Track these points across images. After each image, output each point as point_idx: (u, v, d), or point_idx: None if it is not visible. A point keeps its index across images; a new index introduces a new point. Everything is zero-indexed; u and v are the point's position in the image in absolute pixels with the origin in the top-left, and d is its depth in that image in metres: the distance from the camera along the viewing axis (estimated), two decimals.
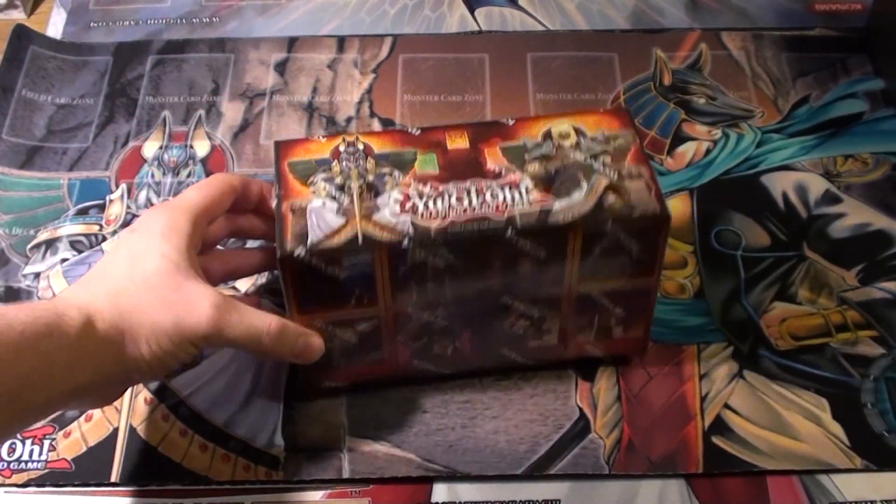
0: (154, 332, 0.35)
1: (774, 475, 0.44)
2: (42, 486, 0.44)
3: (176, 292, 0.35)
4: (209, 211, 0.40)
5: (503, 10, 0.65)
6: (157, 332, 0.35)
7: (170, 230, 0.37)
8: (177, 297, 0.35)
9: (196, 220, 0.39)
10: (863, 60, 0.61)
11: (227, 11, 0.65)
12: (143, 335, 0.35)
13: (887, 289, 0.50)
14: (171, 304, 0.35)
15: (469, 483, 0.44)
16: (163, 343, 0.35)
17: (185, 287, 0.36)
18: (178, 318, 0.35)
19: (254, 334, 0.37)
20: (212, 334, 0.35)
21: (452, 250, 0.38)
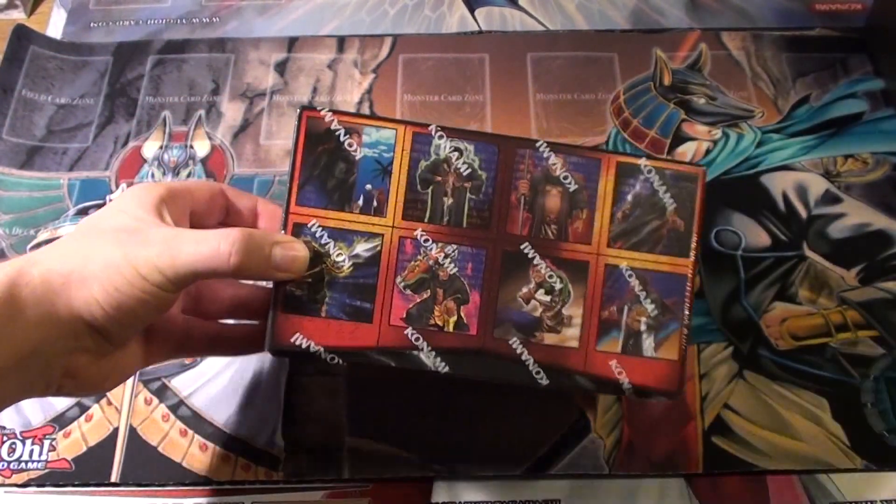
0: (104, 269, 0.31)
1: (774, 475, 0.44)
2: (42, 486, 0.44)
3: (130, 233, 0.32)
4: (189, 190, 0.36)
5: (503, 10, 0.65)
6: (107, 268, 0.31)
7: (139, 190, 0.35)
8: (129, 237, 0.32)
9: (171, 190, 0.35)
10: (863, 60, 0.61)
11: (227, 11, 0.65)
12: (92, 274, 0.31)
13: (887, 289, 0.50)
14: (122, 242, 0.32)
15: (469, 483, 0.44)
16: (114, 278, 0.31)
17: (140, 229, 0.32)
18: (126, 252, 0.31)
19: (210, 247, 0.32)
20: (164, 262, 0.31)
21: (479, 150, 0.36)
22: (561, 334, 0.37)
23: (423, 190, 0.37)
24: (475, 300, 0.37)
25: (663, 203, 0.37)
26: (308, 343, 0.36)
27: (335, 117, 0.36)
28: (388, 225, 0.37)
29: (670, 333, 0.37)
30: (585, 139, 0.57)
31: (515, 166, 0.37)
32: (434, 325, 0.37)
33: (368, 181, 0.36)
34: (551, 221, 0.37)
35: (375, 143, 0.36)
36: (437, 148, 0.37)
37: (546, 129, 0.57)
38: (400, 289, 0.36)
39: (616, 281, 0.37)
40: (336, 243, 0.36)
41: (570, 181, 0.37)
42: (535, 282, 0.37)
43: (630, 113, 0.58)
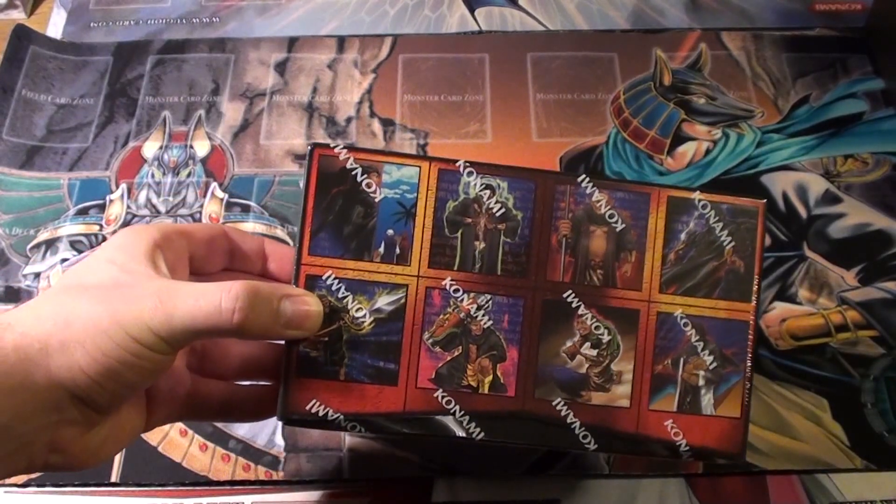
0: (89, 333, 0.27)
1: (774, 475, 0.44)
2: (42, 486, 0.44)
3: (116, 288, 0.28)
4: (187, 233, 0.33)
5: (503, 10, 0.65)
6: (92, 333, 0.27)
7: (129, 236, 0.31)
8: (118, 293, 0.28)
9: (168, 233, 0.32)
10: (863, 60, 0.61)
11: (227, 11, 0.65)
12: (75, 339, 0.27)
13: (887, 289, 0.50)
14: (108, 299, 0.28)
15: (469, 483, 0.44)
16: (100, 342, 0.27)
17: (129, 284, 0.29)
18: (114, 310, 0.27)
19: (210, 304, 0.28)
20: (159, 323, 0.27)
21: (513, 188, 0.33)
22: (610, 392, 0.33)
23: (451, 234, 0.33)
24: (513, 357, 0.33)
25: (720, 242, 0.34)
26: (326, 410, 0.32)
27: (351, 154, 0.32)
28: (413, 274, 0.33)
29: (731, 388, 0.34)
30: (585, 139, 0.57)
31: (555, 204, 0.33)
32: (467, 386, 0.33)
33: (390, 226, 0.33)
34: (596, 266, 0.33)
35: (397, 183, 0.33)
36: (466, 186, 0.33)
37: (546, 129, 0.57)
38: (428, 346, 0.33)
39: (670, 331, 0.34)
40: (355, 297, 0.32)
41: (616, 219, 0.33)
42: (581, 334, 0.33)
43: (630, 113, 0.58)
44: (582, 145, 0.56)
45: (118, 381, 0.28)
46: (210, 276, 0.35)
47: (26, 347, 0.27)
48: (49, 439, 0.28)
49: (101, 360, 0.27)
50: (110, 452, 0.31)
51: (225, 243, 0.35)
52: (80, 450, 0.29)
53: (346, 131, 0.57)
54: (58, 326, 0.27)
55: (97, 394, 0.28)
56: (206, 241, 0.34)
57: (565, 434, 0.33)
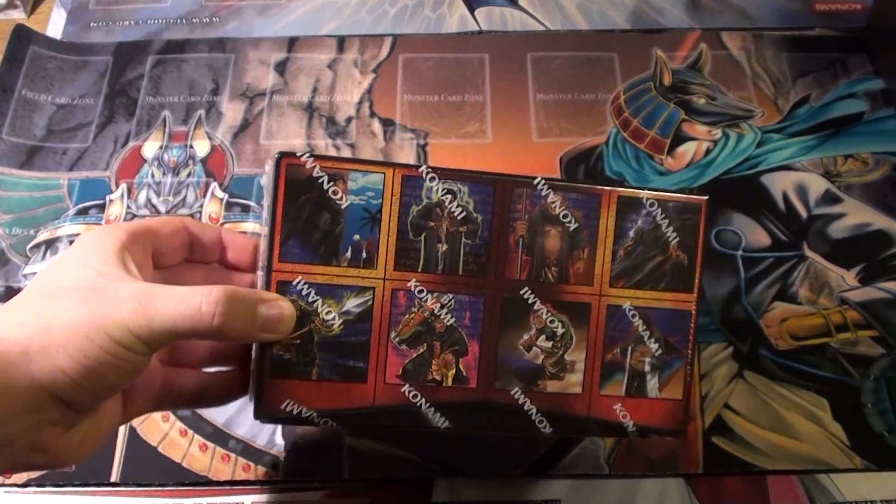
0: (69, 335, 0.28)
1: (774, 475, 0.44)
2: (42, 486, 0.44)
3: (96, 291, 0.29)
4: (151, 230, 0.34)
5: (503, 10, 0.65)
6: (72, 334, 0.28)
7: (97, 238, 0.32)
8: (96, 296, 0.29)
9: (135, 232, 0.33)
10: (863, 60, 0.61)
11: (227, 11, 0.65)
12: (56, 342, 0.28)
13: (887, 289, 0.50)
14: (88, 303, 0.29)
15: (469, 483, 0.44)
16: (81, 345, 0.28)
17: (105, 287, 0.30)
18: (94, 314, 0.28)
19: (190, 309, 0.29)
20: (139, 326, 0.28)
21: (473, 192, 0.34)
22: (564, 381, 0.36)
23: (415, 237, 0.34)
24: (474, 351, 0.35)
25: (666, 237, 0.36)
26: (300, 409, 0.34)
27: (317, 163, 0.33)
28: (379, 277, 0.34)
29: (674, 372, 0.37)
30: (585, 139, 0.57)
31: (512, 206, 0.35)
32: (432, 380, 0.35)
33: (356, 231, 0.34)
34: (551, 263, 0.35)
35: (362, 190, 0.34)
36: (428, 191, 0.34)
37: (546, 129, 0.57)
38: (395, 344, 0.34)
39: (619, 321, 0.36)
40: (324, 300, 0.34)
41: (569, 219, 0.35)
42: (536, 328, 0.35)
43: (630, 113, 0.58)
44: (582, 145, 0.56)
45: (99, 382, 0.29)
46: (171, 267, 0.36)
47: (7, 353, 0.27)
48: (31, 440, 0.29)
49: (82, 361, 0.28)
50: (90, 449, 0.31)
51: (186, 236, 0.36)
52: (62, 448, 0.30)
53: (346, 131, 0.57)
54: (38, 331, 0.28)
55: (78, 394, 0.29)
56: (169, 236, 0.35)
57: (523, 420, 0.35)
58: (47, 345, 0.28)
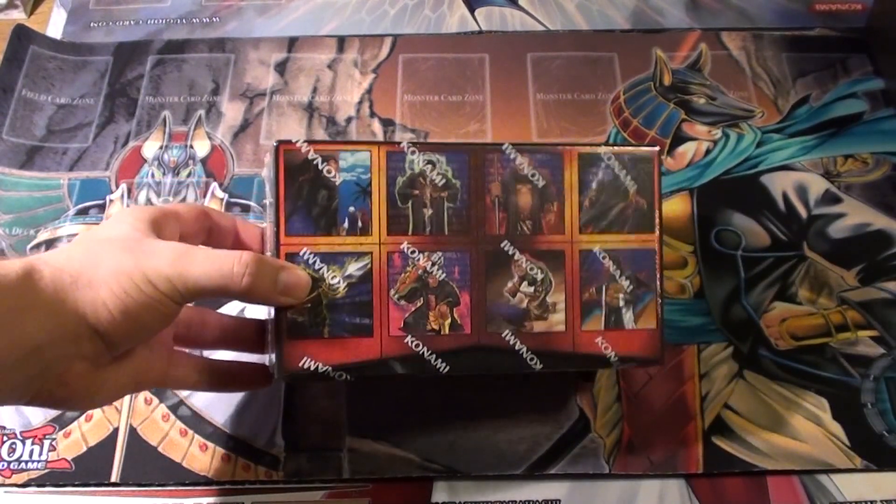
0: (114, 274, 0.32)
1: (774, 475, 0.44)
2: (42, 486, 0.44)
3: (137, 242, 0.33)
4: (177, 214, 0.38)
5: (503, 10, 0.65)
6: (117, 273, 0.32)
7: (132, 210, 0.36)
8: (138, 245, 0.33)
9: (163, 211, 0.37)
10: (863, 60, 0.61)
11: (227, 11, 0.65)
12: (101, 278, 0.31)
13: (887, 289, 0.50)
14: (132, 250, 0.33)
15: (469, 483, 0.44)
16: (124, 283, 0.31)
17: (146, 240, 0.34)
18: (137, 258, 0.32)
19: (224, 267, 0.33)
20: (176, 273, 0.32)
21: (450, 161, 0.38)
22: (548, 321, 0.39)
23: (403, 205, 0.38)
24: (465, 301, 0.39)
25: (625, 186, 0.40)
26: (316, 364, 0.37)
27: (311, 147, 0.37)
28: (374, 242, 0.38)
29: (647, 304, 0.40)
30: (585, 139, 0.57)
31: (486, 170, 0.39)
32: (431, 329, 0.38)
33: (350, 203, 0.37)
34: (525, 217, 0.39)
35: (352, 167, 0.37)
36: (410, 163, 0.38)
37: (546, 128, 0.57)
38: (394, 301, 0.38)
39: (592, 264, 0.40)
40: (329, 267, 0.37)
41: (537, 178, 0.39)
42: (518, 275, 0.39)
43: (630, 113, 0.58)
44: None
45: (135, 320, 0.32)
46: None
47: (61, 280, 0.31)
48: (62, 370, 0.31)
49: (123, 298, 0.31)
50: (104, 399, 0.35)
51: (206, 221, 0.39)
52: (84, 387, 0.33)
53: (346, 131, 0.57)
54: (87, 266, 0.32)
55: (114, 329, 0.32)
56: (193, 220, 0.38)
57: (515, 359, 0.39)
58: (94, 279, 0.31)
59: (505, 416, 0.46)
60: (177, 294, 0.32)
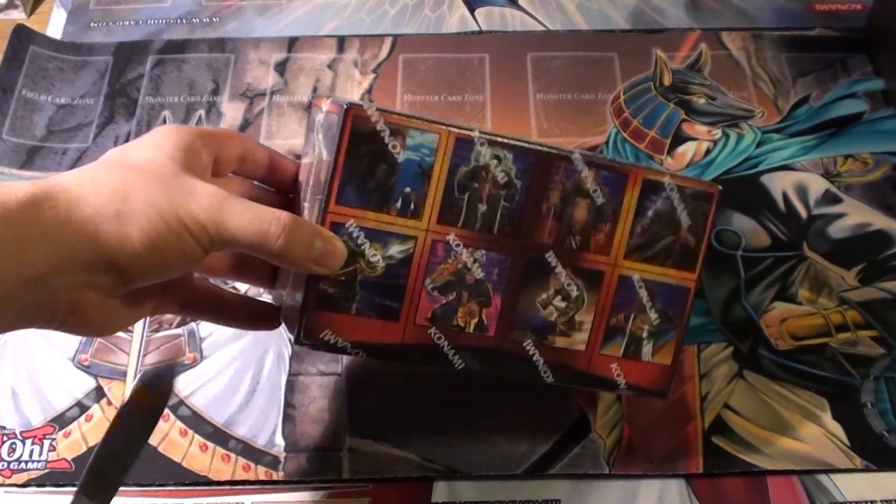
0: (146, 210, 0.30)
1: (774, 475, 0.44)
2: (42, 486, 0.44)
3: (173, 178, 0.32)
4: (215, 135, 0.37)
5: (503, 10, 0.65)
6: (148, 211, 0.30)
7: (166, 131, 0.34)
8: (173, 181, 0.31)
9: (200, 133, 0.35)
10: (863, 60, 0.61)
11: (227, 11, 0.65)
12: (131, 211, 0.30)
13: (887, 289, 0.50)
14: (167, 186, 0.31)
15: (469, 483, 0.44)
16: (155, 222, 0.30)
17: (182, 176, 0.32)
18: (173, 199, 0.31)
19: (262, 225, 0.32)
20: (212, 221, 0.31)
21: (517, 160, 0.37)
22: (571, 338, 0.39)
23: (459, 195, 0.37)
24: (496, 303, 0.38)
25: (679, 220, 0.39)
26: (336, 339, 0.36)
27: (381, 117, 0.35)
28: (422, 228, 0.36)
29: (668, 340, 0.40)
30: (585, 139, 0.57)
31: (550, 177, 0.37)
32: (456, 325, 0.37)
33: (408, 184, 0.36)
34: (576, 232, 0.38)
35: (418, 147, 0.36)
36: (477, 155, 0.37)
37: (546, 129, 0.57)
38: (428, 290, 0.37)
39: (627, 291, 0.39)
40: (371, 244, 0.36)
41: (598, 194, 0.38)
42: (554, 289, 0.38)
43: (630, 113, 0.58)
44: (582, 145, 0.56)
45: (159, 259, 0.31)
46: (221, 177, 0.38)
47: (78, 210, 0.29)
48: (73, 299, 0.30)
49: (151, 235, 0.30)
50: (119, 326, 0.34)
51: (242, 148, 0.38)
52: (96, 315, 0.32)
53: None
54: (116, 198, 0.30)
55: (136, 266, 0.30)
56: (230, 145, 0.37)
57: (530, 368, 0.38)
58: (122, 212, 0.30)
59: (505, 416, 0.46)
60: (208, 240, 0.31)
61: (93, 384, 0.47)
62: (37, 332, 0.48)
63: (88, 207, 0.30)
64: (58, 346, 0.48)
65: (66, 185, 0.30)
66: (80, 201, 0.30)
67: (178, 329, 0.49)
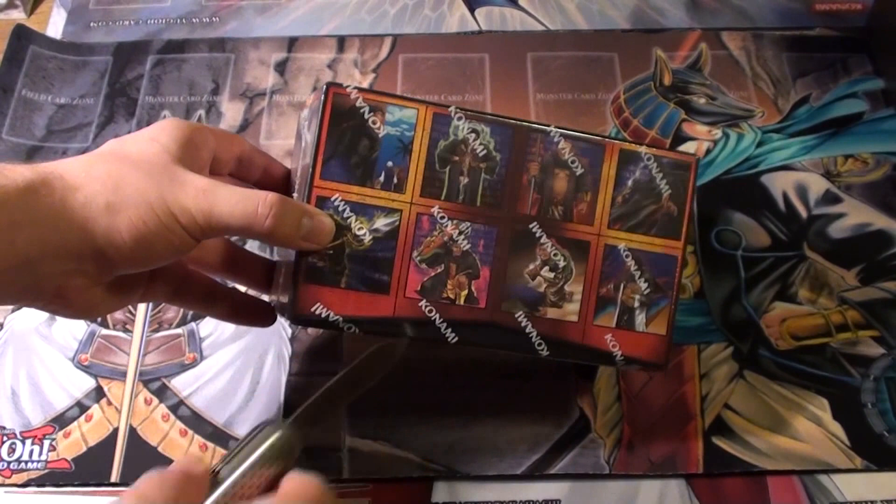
0: (135, 201, 0.31)
1: (774, 475, 0.44)
2: (42, 486, 0.44)
3: (164, 169, 0.32)
4: (215, 133, 0.37)
5: (503, 10, 0.65)
6: (138, 202, 0.31)
7: (165, 125, 0.35)
8: (164, 172, 0.32)
9: (201, 129, 0.36)
10: (863, 60, 0.61)
11: (227, 11, 0.65)
12: (121, 202, 0.31)
13: (887, 289, 0.50)
14: (158, 177, 0.32)
15: (469, 483, 0.44)
16: (143, 211, 0.31)
17: (173, 168, 0.33)
18: (161, 187, 0.31)
19: (249, 206, 0.33)
20: (200, 210, 0.32)
21: (494, 133, 0.38)
22: (562, 309, 0.39)
23: (440, 168, 0.38)
24: (485, 275, 0.38)
25: (659, 189, 0.40)
26: (328, 313, 0.37)
27: (360, 95, 0.37)
28: (406, 201, 0.37)
29: (660, 310, 0.40)
30: None
31: (527, 149, 0.38)
32: (446, 298, 0.38)
33: (390, 158, 0.37)
34: (558, 202, 0.39)
35: (398, 122, 0.37)
36: (455, 129, 0.38)
37: None
38: (416, 263, 0.38)
39: (614, 260, 0.40)
40: (357, 217, 0.37)
41: (576, 165, 0.39)
42: (541, 259, 0.39)
43: (630, 113, 0.58)
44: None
45: (147, 249, 0.31)
46: (219, 177, 0.38)
47: (72, 199, 0.30)
48: (59, 284, 0.31)
49: (140, 227, 0.31)
50: (106, 310, 0.35)
51: (240, 149, 0.39)
52: (81, 300, 0.33)
53: None
54: (107, 188, 0.31)
55: (124, 255, 0.31)
56: (228, 145, 0.38)
57: (524, 341, 0.39)
58: (113, 203, 0.31)
59: (505, 416, 0.46)
60: (197, 229, 0.32)
61: (93, 384, 0.47)
62: (37, 332, 0.48)
63: (81, 196, 0.30)
64: (58, 346, 0.48)
65: (61, 174, 0.31)
66: (74, 190, 0.30)
67: (178, 329, 0.49)
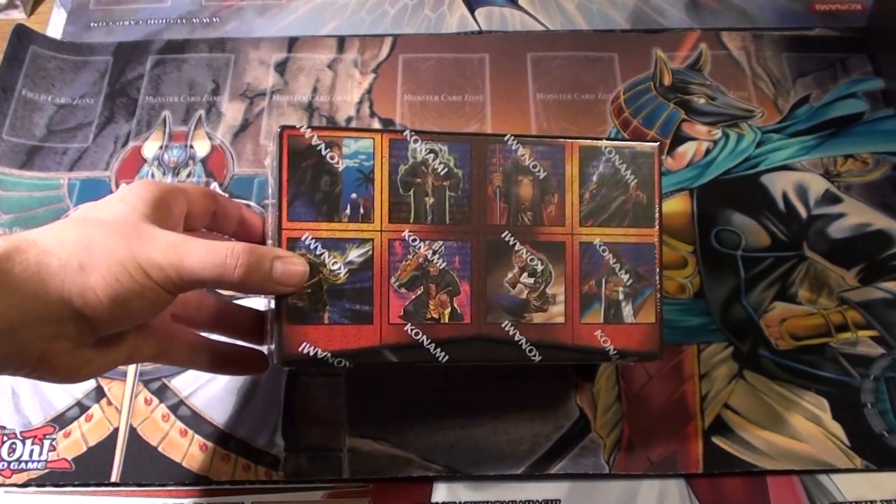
0: (106, 260, 0.31)
1: (774, 475, 0.44)
2: (42, 486, 0.44)
3: (133, 227, 0.33)
4: (185, 191, 0.37)
5: (503, 10, 0.65)
6: (110, 261, 0.31)
7: (135, 186, 0.35)
8: (133, 231, 0.33)
9: (171, 189, 0.36)
10: (863, 60, 0.61)
11: (227, 11, 0.65)
12: (93, 262, 0.31)
13: (887, 289, 0.50)
14: (127, 235, 0.32)
15: (469, 483, 0.44)
16: (115, 270, 0.31)
17: (143, 226, 0.33)
18: (131, 244, 0.32)
19: (217, 259, 0.33)
20: (170, 263, 0.32)
21: (453, 150, 0.39)
22: (548, 312, 0.39)
23: (405, 192, 0.38)
24: (466, 290, 0.39)
25: (626, 180, 0.40)
26: (315, 350, 0.37)
27: (314, 133, 0.37)
28: (376, 230, 0.38)
29: (646, 299, 0.40)
30: None
31: (488, 161, 0.39)
32: (431, 318, 0.38)
33: (353, 190, 0.38)
34: (526, 209, 0.39)
35: (355, 154, 0.38)
36: (413, 152, 0.38)
37: (546, 129, 0.57)
38: (395, 288, 0.38)
39: (591, 257, 0.40)
40: (330, 252, 0.37)
41: (538, 169, 0.39)
42: (518, 266, 0.39)
43: (630, 113, 0.58)
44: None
45: (124, 307, 0.32)
46: (194, 232, 0.39)
47: (47, 264, 0.31)
48: (42, 349, 0.31)
49: (114, 285, 0.31)
50: (91, 373, 0.34)
51: (213, 204, 0.39)
52: (66, 364, 0.33)
53: None
54: (78, 249, 0.31)
55: (101, 315, 0.32)
56: (200, 200, 0.38)
57: (514, 350, 0.39)
58: (85, 264, 0.31)
59: (505, 416, 0.46)
60: (170, 283, 0.32)
61: (93, 384, 0.47)
62: None
63: (55, 259, 0.31)
64: None
65: (34, 240, 0.31)
66: (47, 254, 0.31)
67: None
